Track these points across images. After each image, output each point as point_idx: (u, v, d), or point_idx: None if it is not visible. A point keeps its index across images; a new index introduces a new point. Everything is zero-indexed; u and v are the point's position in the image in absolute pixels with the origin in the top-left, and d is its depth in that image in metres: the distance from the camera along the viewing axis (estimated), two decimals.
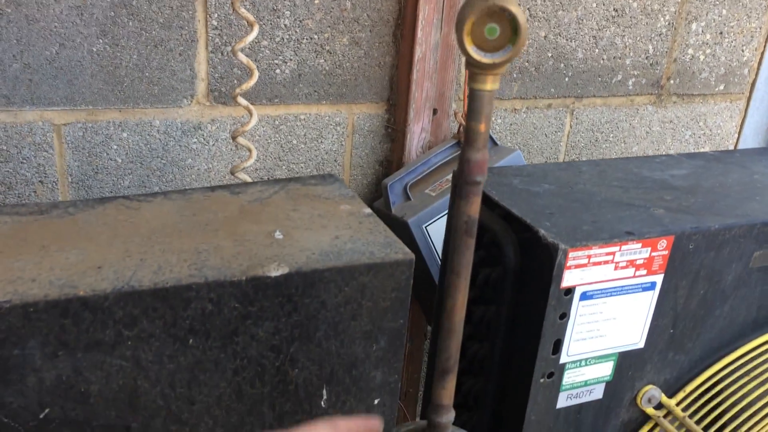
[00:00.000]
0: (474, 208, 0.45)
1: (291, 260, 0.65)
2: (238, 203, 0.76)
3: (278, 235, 0.69)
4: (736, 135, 1.91)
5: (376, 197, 1.50)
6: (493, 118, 1.57)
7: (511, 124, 1.60)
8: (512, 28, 0.39)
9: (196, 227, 0.69)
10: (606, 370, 0.84)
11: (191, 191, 0.78)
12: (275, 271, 0.63)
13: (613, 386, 0.85)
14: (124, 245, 0.64)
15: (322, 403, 0.69)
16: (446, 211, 1.35)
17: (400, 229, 1.33)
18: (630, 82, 1.69)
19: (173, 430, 0.63)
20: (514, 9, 0.38)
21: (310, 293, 0.65)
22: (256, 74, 1.00)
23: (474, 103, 0.41)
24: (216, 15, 1.24)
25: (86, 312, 0.56)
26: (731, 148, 1.92)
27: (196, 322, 0.61)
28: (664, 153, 1.81)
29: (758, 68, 1.86)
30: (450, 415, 0.52)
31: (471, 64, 0.40)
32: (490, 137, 1.48)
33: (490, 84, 0.41)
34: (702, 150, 1.87)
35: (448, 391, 0.50)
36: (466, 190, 0.44)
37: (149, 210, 0.72)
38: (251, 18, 0.98)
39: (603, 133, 1.72)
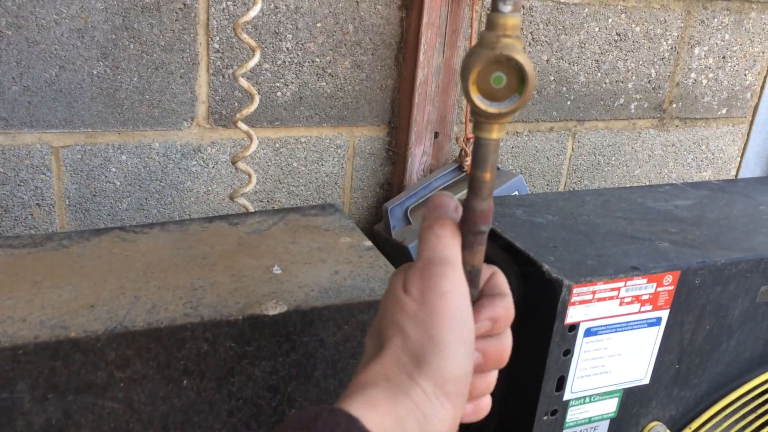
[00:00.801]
0: (479, 258, 0.43)
1: (289, 297, 0.63)
2: (236, 235, 0.75)
3: (276, 270, 0.68)
4: (739, 159, 1.90)
5: (376, 220, 1.49)
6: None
7: (513, 147, 1.59)
8: (519, 77, 0.38)
9: (192, 261, 0.68)
10: (611, 406, 0.82)
11: (189, 222, 0.76)
12: (273, 310, 0.61)
13: (617, 423, 0.83)
14: (119, 281, 0.63)
15: None
16: None
17: (401, 253, 1.31)
18: (632, 106, 1.68)
19: None
20: (521, 58, 0.37)
21: (308, 331, 0.63)
22: (257, 99, 0.99)
23: (479, 151, 0.40)
24: (218, 38, 1.23)
25: (77, 354, 0.55)
26: (733, 171, 1.91)
27: (191, 363, 0.59)
28: (666, 176, 1.80)
29: (761, 92, 1.86)
30: None
31: (476, 113, 0.39)
32: None
33: (496, 133, 0.40)
34: (704, 173, 1.86)
35: None
36: (470, 240, 0.42)
37: (145, 242, 0.71)
38: (253, 43, 0.97)
39: (605, 156, 1.71)
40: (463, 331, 0.41)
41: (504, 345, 0.45)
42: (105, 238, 0.71)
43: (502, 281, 0.46)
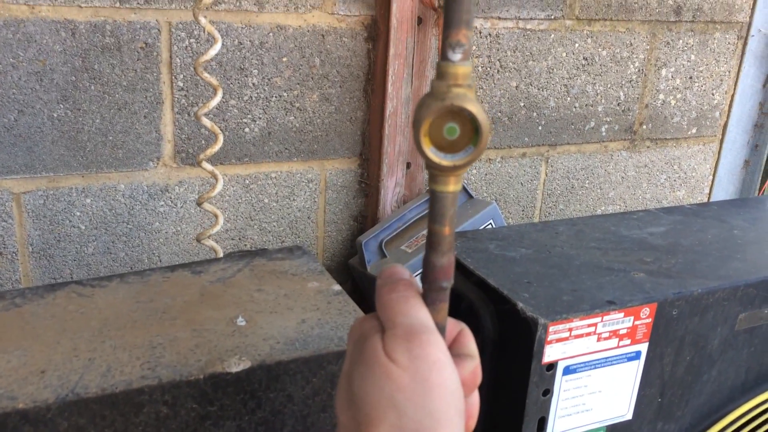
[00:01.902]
0: (442, 315, 0.41)
1: (253, 352, 0.61)
2: (199, 285, 0.72)
3: (240, 321, 0.65)
4: (711, 177, 1.91)
5: (351, 254, 1.46)
6: (468, 169, 1.56)
7: (486, 174, 1.58)
8: (473, 127, 0.36)
9: (152, 316, 0.65)
10: None
11: (150, 272, 0.74)
12: (236, 366, 0.58)
13: None
14: (72, 342, 0.60)
15: None
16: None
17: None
18: (603, 129, 1.69)
19: None
20: (474, 109, 0.35)
21: (275, 387, 0.60)
22: (221, 138, 0.97)
23: (436, 205, 0.38)
24: (182, 76, 1.21)
25: (27, 426, 0.51)
26: (707, 190, 1.92)
27: (150, 428, 0.56)
28: (640, 196, 1.80)
29: (729, 111, 1.87)
30: None
31: (431, 166, 0.37)
32: (465, 189, 1.46)
33: (452, 185, 0.38)
34: (677, 193, 1.87)
35: None
36: (432, 297, 0.40)
37: (103, 297, 0.68)
38: (215, 82, 0.95)
39: (579, 179, 1.70)
40: (458, 402, 0.39)
41: (472, 409, 0.43)
42: (60, 294, 0.68)
43: (470, 341, 0.44)
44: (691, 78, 1.77)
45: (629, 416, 0.81)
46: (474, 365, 0.42)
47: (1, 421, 0.51)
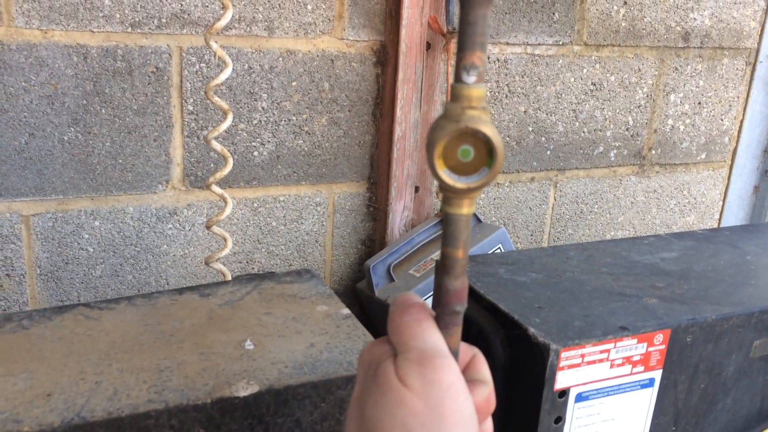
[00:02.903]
0: (455, 339, 0.40)
1: (261, 376, 0.60)
2: (207, 308, 0.71)
3: (248, 345, 0.64)
4: (721, 202, 1.90)
5: (359, 278, 1.46)
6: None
7: (494, 199, 1.57)
8: (487, 149, 0.36)
9: (159, 339, 0.64)
10: None
11: (158, 295, 0.73)
12: (244, 391, 0.57)
13: None
14: (79, 365, 0.59)
15: None
16: (431, 293, 1.31)
17: (385, 312, 1.28)
18: (612, 154, 1.68)
19: None
20: (489, 131, 0.35)
21: (282, 412, 0.59)
22: (231, 162, 0.97)
23: (449, 228, 0.38)
24: (192, 100, 1.22)
25: None
26: (717, 215, 1.91)
27: None
28: (649, 221, 1.79)
29: (738, 136, 1.87)
30: None
31: (444, 188, 0.36)
32: (475, 215, 1.45)
33: (466, 208, 0.37)
34: (687, 218, 1.85)
35: None
36: (446, 321, 0.40)
37: (110, 320, 0.67)
38: (225, 106, 0.95)
39: (588, 204, 1.70)
40: (472, 429, 0.38)
41: None
42: (68, 317, 0.67)
43: (483, 367, 0.43)
44: (699, 103, 1.77)
45: None
46: (488, 391, 0.41)
47: None
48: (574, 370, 0.72)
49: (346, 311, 0.73)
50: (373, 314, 1.36)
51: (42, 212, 1.17)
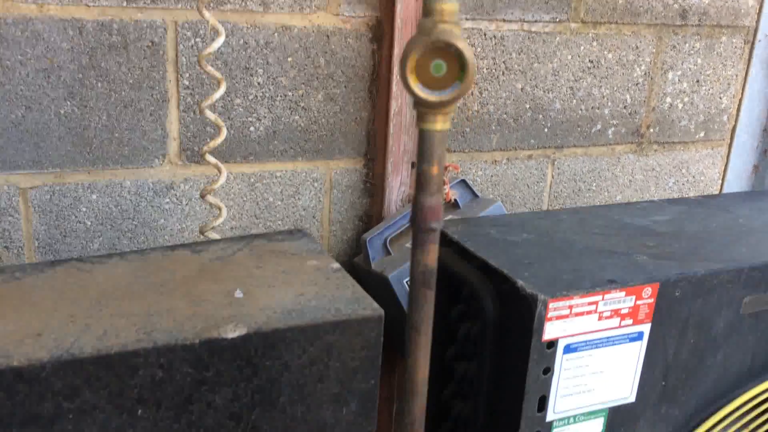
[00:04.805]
0: (431, 257, 0.41)
1: (250, 320, 0.61)
2: (199, 262, 0.72)
3: (238, 294, 0.65)
4: (720, 181, 1.90)
5: (356, 253, 1.46)
6: (474, 170, 1.56)
7: (491, 176, 1.58)
8: (459, 64, 0.36)
9: (149, 289, 0.65)
10: (596, 427, 0.78)
11: (150, 251, 0.74)
12: (232, 333, 0.58)
13: None
14: (69, 310, 0.60)
15: None
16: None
17: (381, 284, 1.28)
18: (609, 132, 1.68)
19: None
20: (461, 44, 0.35)
21: (270, 355, 0.60)
22: (225, 131, 0.98)
23: (424, 144, 0.38)
24: (187, 74, 1.23)
25: (21, 383, 0.51)
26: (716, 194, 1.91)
27: (146, 391, 0.56)
28: (647, 200, 1.79)
29: (737, 115, 1.87)
30: None
31: (418, 103, 0.37)
32: (470, 189, 1.46)
33: (440, 124, 0.38)
34: (686, 197, 1.85)
35: None
36: (421, 239, 0.40)
37: (102, 272, 0.68)
38: (218, 75, 0.96)
39: (585, 182, 1.70)
40: None
41: None
42: (60, 270, 0.68)
43: None
44: (698, 81, 1.77)
45: (632, 399, 0.80)
46: None
47: None
48: (562, 322, 0.72)
49: (336, 265, 0.74)
50: (370, 288, 1.36)
51: (39, 185, 1.18)
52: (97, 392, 0.54)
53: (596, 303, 0.74)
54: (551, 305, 0.71)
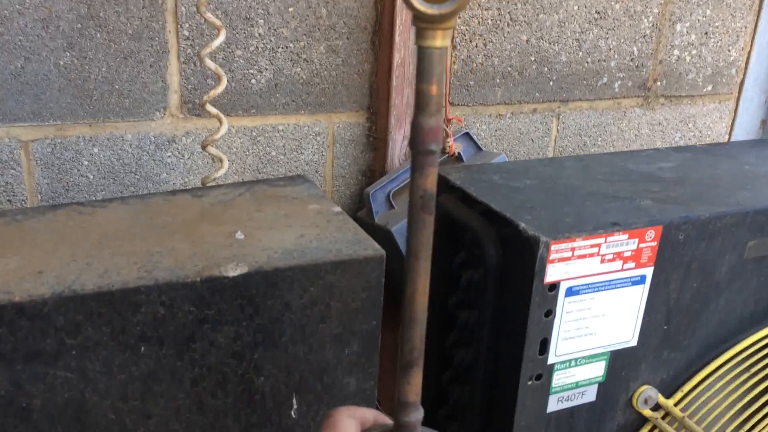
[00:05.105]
0: (430, 180, 0.40)
1: (251, 260, 0.60)
2: (200, 206, 0.72)
3: (239, 235, 0.65)
4: (727, 136, 1.88)
5: (359, 208, 1.46)
6: (478, 124, 1.54)
7: (496, 130, 1.56)
8: None
9: (151, 230, 0.65)
10: (598, 370, 0.79)
11: (151, 196, 0.74)
12: (233, 271, 0.58)
13: (606, 387, 0.80)
14: (71, 250, 0.60)
15: (292, 413, 0.64)
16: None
17: (385, 237, 1.28)
18: (616, 85, 1.66)
19: None
20: None
21: (272, 294, 0.60)
22: (225, 80, 0.97)
23: (423, 62, 0.37)
24: (187, 25, 1.21)
25: (23, 319, 0.52)
26: None
27: (148, 328, 0.56)
28: None
29: (746, 68, 1.84)
30: (418, 413, 0.47)
31: (417, 18, 0.36)
32: (474, 142, 1.44)
33: (440, 40, 0.37)
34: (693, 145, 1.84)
35: (413, 387, 0.46)
36: (420, 161, 0.40)
37: (103, 215, 0.68)
38: (217, 22, 0.95)
39: (591, 137, 1.68)
40: None
41: None
42: (61, 212, 0.68)
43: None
44: (706, 34, 1.73)
45: (634, 342, 0.80)
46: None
47: None
48: (564, 264, 0.72)
49: (338, 209, 0.74)
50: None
51: (41, 138, 1.17)
52: (99, 329, 0.55)
53: (599, 245, 0.73)
54: (553, 247, 0.71)
